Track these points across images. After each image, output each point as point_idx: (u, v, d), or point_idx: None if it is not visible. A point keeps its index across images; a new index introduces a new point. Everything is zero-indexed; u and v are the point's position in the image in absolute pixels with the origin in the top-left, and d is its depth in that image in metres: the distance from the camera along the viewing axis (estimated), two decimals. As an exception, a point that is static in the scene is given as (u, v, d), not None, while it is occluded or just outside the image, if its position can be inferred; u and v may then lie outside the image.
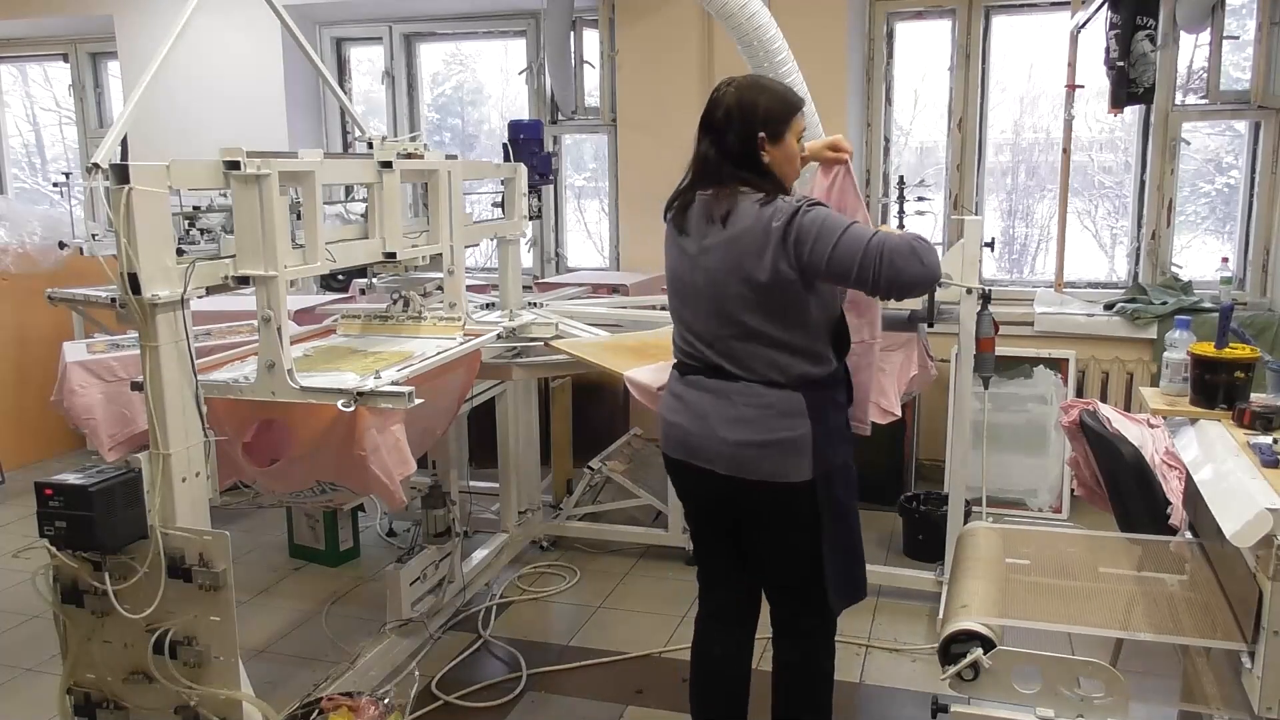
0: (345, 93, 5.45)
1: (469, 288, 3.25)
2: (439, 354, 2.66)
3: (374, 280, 3.69)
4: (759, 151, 2.05)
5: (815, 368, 2.07)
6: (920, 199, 4.35)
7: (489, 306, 3.64)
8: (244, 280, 2.15)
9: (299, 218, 2.35)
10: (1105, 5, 3.97)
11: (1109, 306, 4.28)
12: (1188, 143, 4.39)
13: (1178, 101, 4.32)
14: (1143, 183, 4.47)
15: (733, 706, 2.34)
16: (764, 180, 2.05)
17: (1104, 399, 4.19)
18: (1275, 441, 2.00)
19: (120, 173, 1.86)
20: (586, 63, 5.11)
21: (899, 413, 3.13)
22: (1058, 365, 4.25)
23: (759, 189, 2.04)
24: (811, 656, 2.26)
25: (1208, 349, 2.25)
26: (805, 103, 2.16)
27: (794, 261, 1.96)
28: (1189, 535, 2.33)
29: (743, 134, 2.05)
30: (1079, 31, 4.20)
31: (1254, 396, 2.23)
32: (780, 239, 1.96)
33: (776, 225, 1.96)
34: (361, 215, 2.74)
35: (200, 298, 2.07)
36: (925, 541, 3.74)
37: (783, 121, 2.06)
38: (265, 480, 2.59)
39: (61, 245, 4.75)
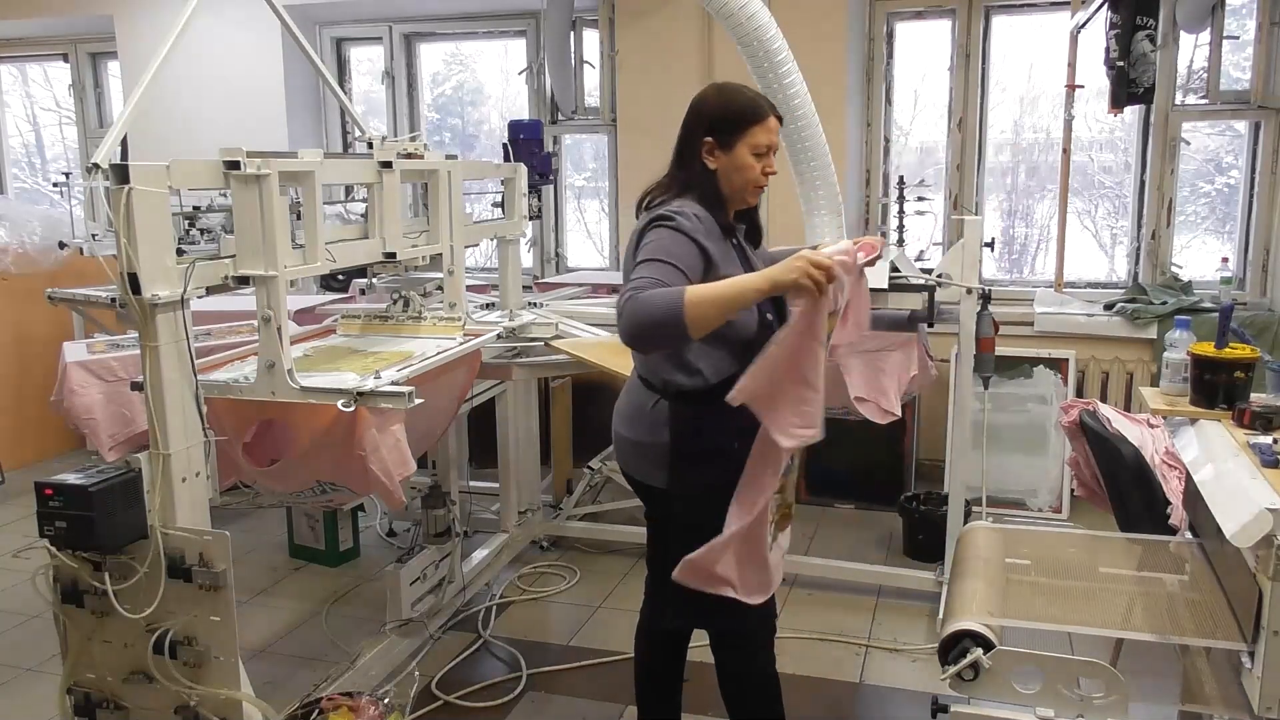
0: (345, 93, 5.45)
1: (469, 288, 3.25)
2: (439, 354, 2.66)
3: (374, 280, 3.69)
4: (700, 153, 2.03)
5: (686, 379, 2.01)
6: (920, 199, 4.36)
7: (489, 306, 3.63)
8: (244, 280, 2.16)
9: (299, 218, 2.35)
10: (1105, 5, 3.97)
11: (1109, 306, 4.28)
12: (1188, 143, 4.39)
13: (1178, 101, 4.32)
14: (1143, 183, 4.47)
15: (649, 697, 2.40)
16: (689, 180, 2.03)
17: (1104, 399, 4.19)
18: (1275, 441, 2.00)
19: (120, 173, 1.86)
20: (586, 63, 5.11)
21: (899, 413, 3.14)
22: (1058, 365, 4.25)
23: (674, 188, 2.03)
24: (727, 662, 2.25)
25: (1208, 349, 2.25)
26: (765, 117, 2.02)
27: None
28: (1189, 535, 2.33)
29: (687, 132, 2.06)
30: (1079, 31, 4.20)
31: (1254, 396, 2.22)
32: (635, 244, 1.96)
33: (637, 230, 1.97)
34: (361, 215, 2.74)
35: (200, 298, 2.07)
36: (925, 541, 3.74)
37: (732, 129, 2.01)
38: (265, 480, 2.59)
39: (61, 245, 4.75)
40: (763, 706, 2.24)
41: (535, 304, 3.70)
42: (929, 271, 3.22)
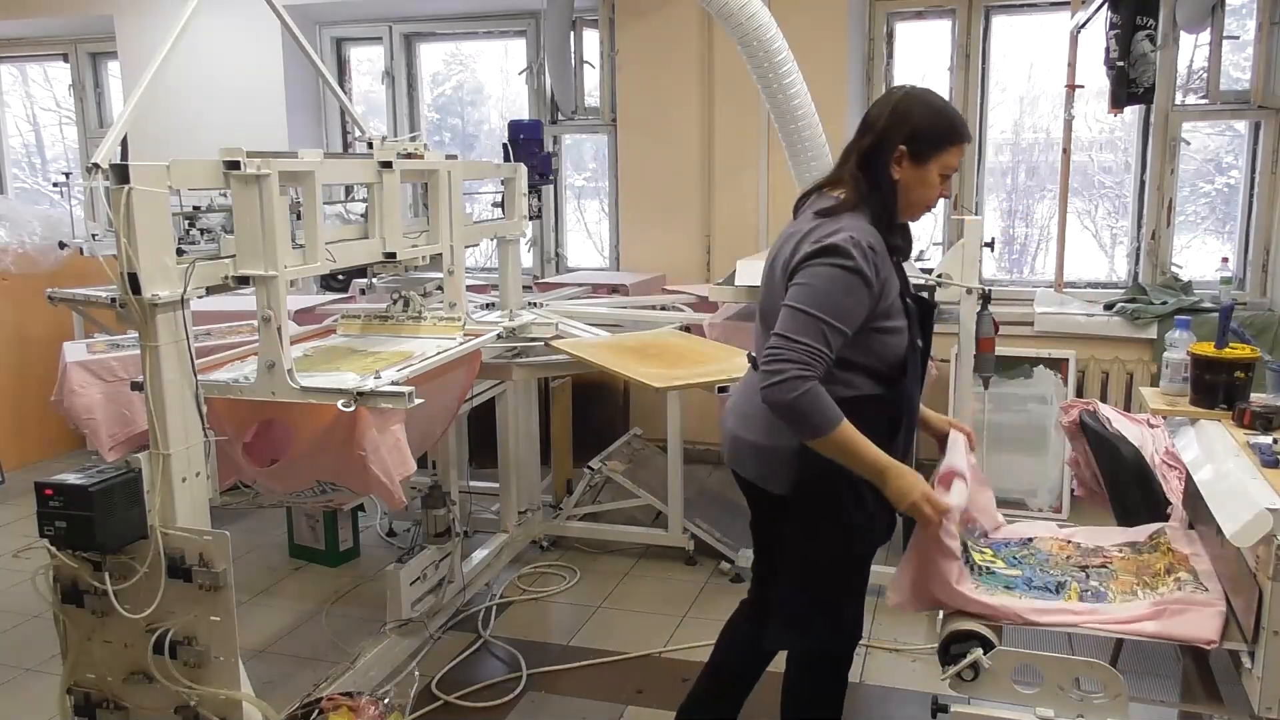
0: (345, 93, 5.45)
1: (469, 288, 3.25)
2: (439, 354, 2.66)
3: (374, 280, 3.70)
4: (890, 162, 1.91)
5: (827, 385, 1.90)
6: (920, 199, 4.35)
7: (489, 306, 3.64)
8: (244, 280, 2.16)
9: (299, 218, 2.35)
10: (1105, 5, 3.97)
11: (1109, 306, 4.28)
12: (1188, 143, 4.39)
13: (1178, 101, 4.32)
14: (1143, 183, 4.47)
15: (713, 690, 2.32)
16: (870, 189, 1.92)
17: (1104, 399, 4.19)
18: (1275, 441, 2.00)
19: (120, 173, 1.86)
20: (586, 63, 5.11)
21: (899, 413, 3.13)
22: (1058, 365, 4.25)
23: (850, 196, 1.92)
24: (792, 678, 2.20)
25: (1208, 349, 2.25)
26: (966, 140, 1.95)
27: None
28: (1189, 535, 2.33)
29: (881, 137, 1.92)
30: (1079, 31, 4.20)
31: (1254, 396, 2.22)
32: (796, 264, 1.86)
33: (804, 250, 1.85)
34: (361, 215, 2.74)
35: (200, 298, 2.07)
36: (925, 541, 3.73)
37: (931, 144, 1.91)
38: (265, 480, 2.59)
39: (61, 245, 4.75)
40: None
41: (535, 304, 3.70)
42: (929, 271, 3.22)
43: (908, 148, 1.91)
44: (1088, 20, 4.09)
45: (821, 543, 2.00)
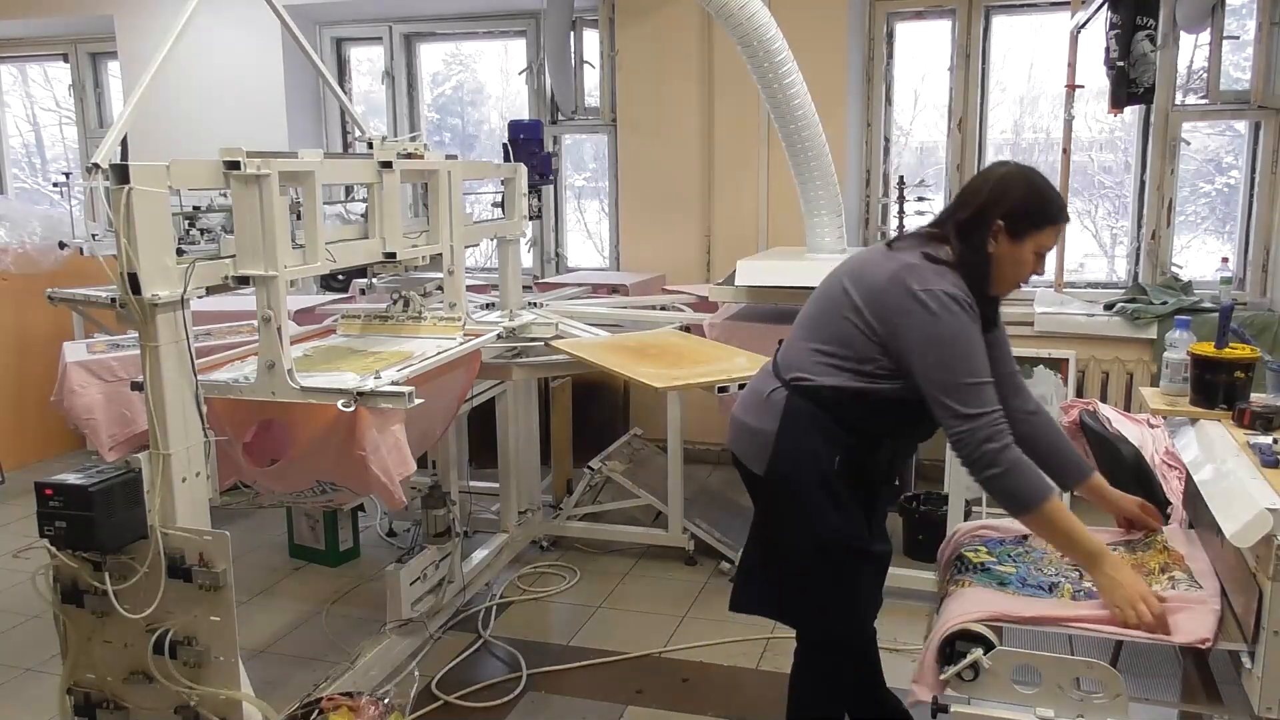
0: (345, 93, 5.45)
1: (469, 288, 3.25)
2: (439, 354, 2.66)
3: (374, 280, 3.70)
4: (987, 234, 1.95)
5: (827, 380, 1.98)
6: (920, 199, 4.36)
7: (489, 306, 3.64)
8: (244, 280, 2.16)
9: (299, 218, 2.35)
10: (1105, 5, 3.97)
11: (1109, 306, 4.28)
12: (1188, 143, 4.39)
13: (1178, 101, 4.32)
14: (1143, 183, 4.47)
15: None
16: (966, 256, 1.95)
17: (1104, 399, 4.19)
18: (1275, 441, 2.00)
19: (120, 173, 1.86)
20: (586, 63, 5.11)
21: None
22: (1058, 365, 4.25)
23: (949, 256, 1.96)
24: (796, 669, 2.25)
25: (1208, 349, 2.25)
26: (1064, 221, 2.00)
27: (878, 331, 1.93)
28: (1189, 535, 2.33)
29: (979, 211, 1.96)
30: (1079, 31, 4.20)
31: (1254, 396, 2.22)
32: (918, 302, 1.89)
33: (912, 306, 1.88)
34: (361, 215, 2.74)
35: (200, 298, 2.07)
36: (925, 541, 3.73)
37: (1030, 222, 1.94)
38: (265, 480, 2.59)
39: (61, 245, 4.75)
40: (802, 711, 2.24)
41: (535, 304, 3.70)
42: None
43: (1005, 224, 1.94)
44: (1088, 20, 4.09)
45: (785, 529, 2.06)
